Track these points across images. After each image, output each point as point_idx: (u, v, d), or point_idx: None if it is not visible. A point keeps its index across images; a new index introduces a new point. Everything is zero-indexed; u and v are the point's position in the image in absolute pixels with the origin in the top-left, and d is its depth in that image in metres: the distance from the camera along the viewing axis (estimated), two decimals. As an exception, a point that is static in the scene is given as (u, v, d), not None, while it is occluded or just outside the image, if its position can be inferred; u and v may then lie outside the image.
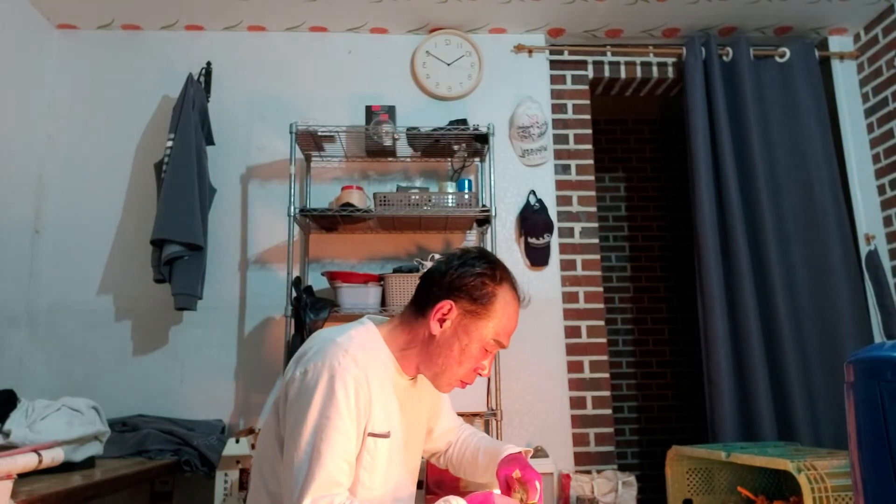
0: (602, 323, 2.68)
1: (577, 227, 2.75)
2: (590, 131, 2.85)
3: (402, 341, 1.31)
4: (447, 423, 1.54)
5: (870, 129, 2.80)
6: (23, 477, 1.36)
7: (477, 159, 2.72)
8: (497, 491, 1.32)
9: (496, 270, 1.30)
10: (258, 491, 1.28)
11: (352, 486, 1.20)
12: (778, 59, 2.82)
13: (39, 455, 1.35)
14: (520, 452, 1.41)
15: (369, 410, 1.20)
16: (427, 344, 1.28)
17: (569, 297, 2.68)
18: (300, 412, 1.15)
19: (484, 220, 2.51)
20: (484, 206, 2.46)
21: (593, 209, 2.78)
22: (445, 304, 1.26)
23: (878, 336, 2.59)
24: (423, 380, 1.38)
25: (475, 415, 2.35)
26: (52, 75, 2.71)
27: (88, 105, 2.72)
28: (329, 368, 1.16)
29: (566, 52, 2.88)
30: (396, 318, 1.36)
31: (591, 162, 2.83)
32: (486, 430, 2.51)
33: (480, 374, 1.33)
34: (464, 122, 2.54)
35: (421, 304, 1.30)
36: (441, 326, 1.26)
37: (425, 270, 1.36)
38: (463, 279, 1.27)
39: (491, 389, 2.33)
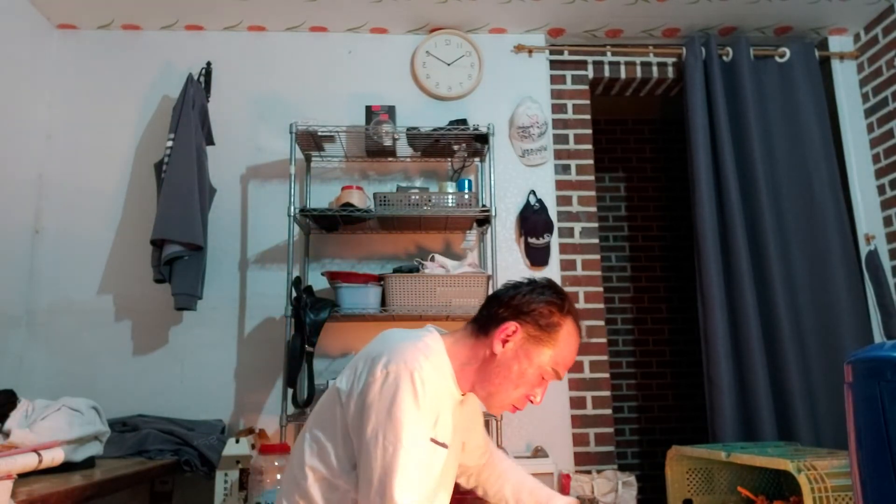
0: (602, 323, 2.68)
1: (577, 227, 2.75)
2: (590, 131, 2.85)
3: (463, 356, 1.33)
4: (479, 438, 1.55)
5: (870, 129, 2.80)
6: (23, 477, 1.36)
7: (477, 159, 2.72)
8: None
9: (564, 302, 1.33)
10: (303, 476, 1.27)
11: None
12: (778, 59, 2.82)
13: (39, 455, 1.35)
14: None
15: (437, 418, 1.22)
16: (487, 363, 1.30)
17: (569, 297, 2.67)
18: (382, 412, 1.16)
19: (484, 220, 2.51)
20: (484, 206, 2.46)
21: (593, 209, 2.78)
22: (511, 325, 1.29)
23: (878, 336, 2.59)
24: (467, 400, 1.40)
25: (475, 415, 2.35)
26: (51, 75, 2.71)
27: (88, 105, 2.72)
28: (410, 370, 1.18)
29: (566, 52, 2.88)
30: (459, 332, 1.38)
31: (591, 162, 2.83)
32: (486, 431, 2.50)
33: (532, 402, 1.35)
34: (464, 122, 2.54)
35: (485, 324, 1.33)
36: (503, 347, 1.29)
37: (490, 294, 1.40)
38: (531, 305, 1.30)
39: (491, 389, 2.33)
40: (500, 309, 1.32)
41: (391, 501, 1.11)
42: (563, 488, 2.33)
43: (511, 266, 2.65)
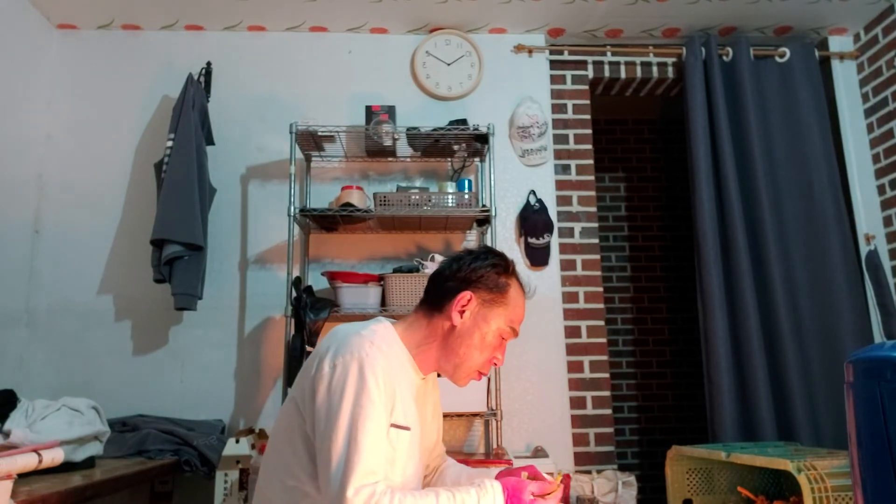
0: (602, 323, 2.68)
1: (577, 227, 2.75)
2: (590, 131, 2.85)
3: (418, 338, 1.36)
4: (439, 445, 1.53)
5: (870, 129, 2.80)
6: (23, 477, 1.36)
7: (477, 159, 2.72)
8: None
9: (507, 263, 1.40)
10: (272, 488, 1.27)
11: None
12: (778, 59, 2.82)
13: (39, 455, 1.35)
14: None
15: (393, 401, 1.22)
16: (447, 336, 1.34)
17: (569, 297, 2.68)
18: (333, 405, 1.17)
19: (484, 220, 2.51)
20: (484, 206, 2.46)
21: (593, 209, 2.78)
22: (465, 295, 1.33)
23: (878, 336, 2.59)
24: (429, 384, 1.41)
25: (475, 415, 2.35)
26: (51, 75, 2.71)
27: (88, 105, 2.72)
28: (358, 360, 1.19)
29: (566, 52, 2.88)
30: (409, 317, 1.41)
31: (591, 162, 2.83)
32: (486, 431, 2.51)
33: (496, 364, 1.39)
34: (464, 122, 2.54)
35: (436, 301, 1.37)
36: (462, 317, 1.33)
37: (433, 272, 1.44)
38: (478, 271, 1.36)
39: (491, 389, 2.33)
40: (449, 283, 1.36)
41: (344, 496, 1.10)
42: (564, 488, 2.32)
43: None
